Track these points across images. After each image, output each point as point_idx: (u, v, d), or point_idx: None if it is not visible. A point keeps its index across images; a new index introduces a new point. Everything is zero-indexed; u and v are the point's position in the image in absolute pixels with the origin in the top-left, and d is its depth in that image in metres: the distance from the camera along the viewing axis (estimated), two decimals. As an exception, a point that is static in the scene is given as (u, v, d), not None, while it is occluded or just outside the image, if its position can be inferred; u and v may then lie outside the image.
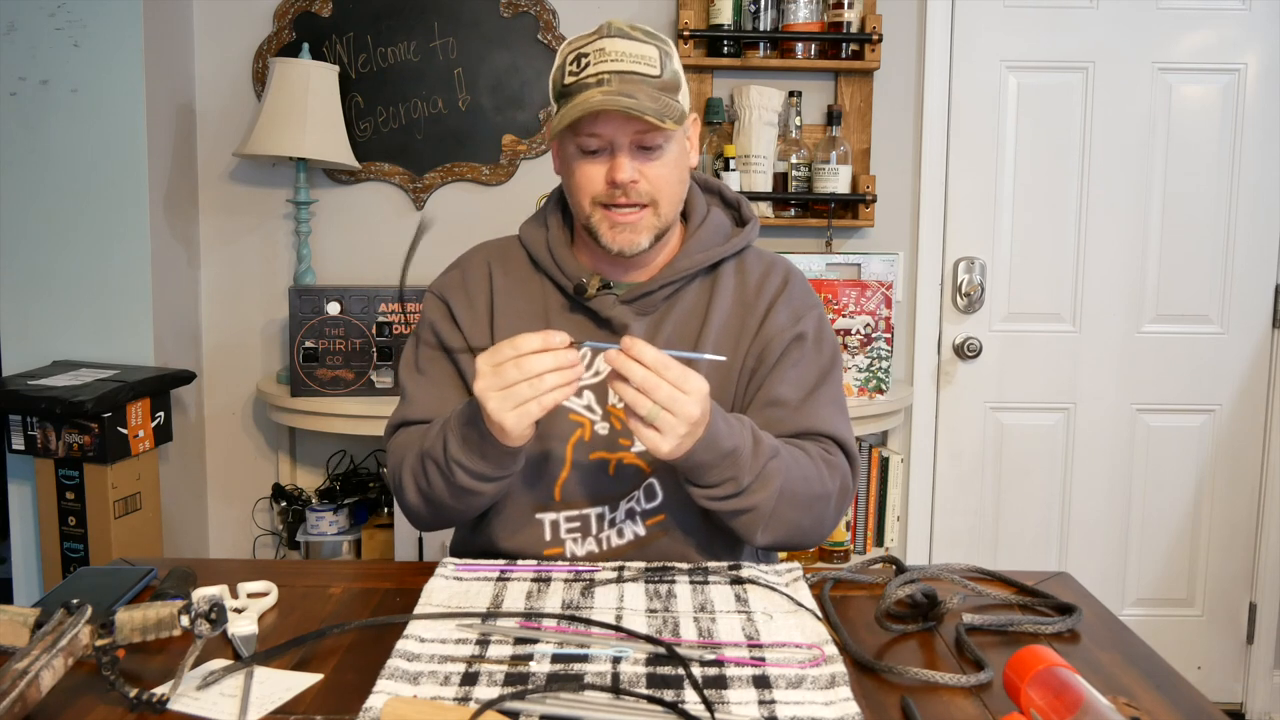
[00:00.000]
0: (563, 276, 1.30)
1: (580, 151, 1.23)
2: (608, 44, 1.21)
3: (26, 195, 2.30)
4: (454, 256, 2.89)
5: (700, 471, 1.13)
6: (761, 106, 2.45)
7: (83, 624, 0.86)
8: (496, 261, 1.36)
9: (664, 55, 1.22)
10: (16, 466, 2.30)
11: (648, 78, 1.20)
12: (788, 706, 0.85)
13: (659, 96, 1.19)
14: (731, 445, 1.12)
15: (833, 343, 1.34)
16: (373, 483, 2.54)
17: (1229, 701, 2.77)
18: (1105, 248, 2.66)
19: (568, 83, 1.21)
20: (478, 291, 1.33)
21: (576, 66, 1.21)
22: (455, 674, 0.90)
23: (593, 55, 1.20)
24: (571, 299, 1.30)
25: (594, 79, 1.19)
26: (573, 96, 1.20)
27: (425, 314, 1.36)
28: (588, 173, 1.23)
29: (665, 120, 1.17)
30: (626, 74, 1.19)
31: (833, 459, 1.25)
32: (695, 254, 1.30)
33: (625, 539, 1.27)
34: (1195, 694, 0.91)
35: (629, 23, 1.24)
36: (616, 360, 1.06)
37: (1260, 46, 2.59)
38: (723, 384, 1.28)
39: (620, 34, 1.22)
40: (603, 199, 1.23)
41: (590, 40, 1.23)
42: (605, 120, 1.19)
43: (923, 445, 2.72)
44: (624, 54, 1.20)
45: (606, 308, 1.27)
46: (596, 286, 1.27)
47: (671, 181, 1.24)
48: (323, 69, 2.46)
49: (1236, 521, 2.74)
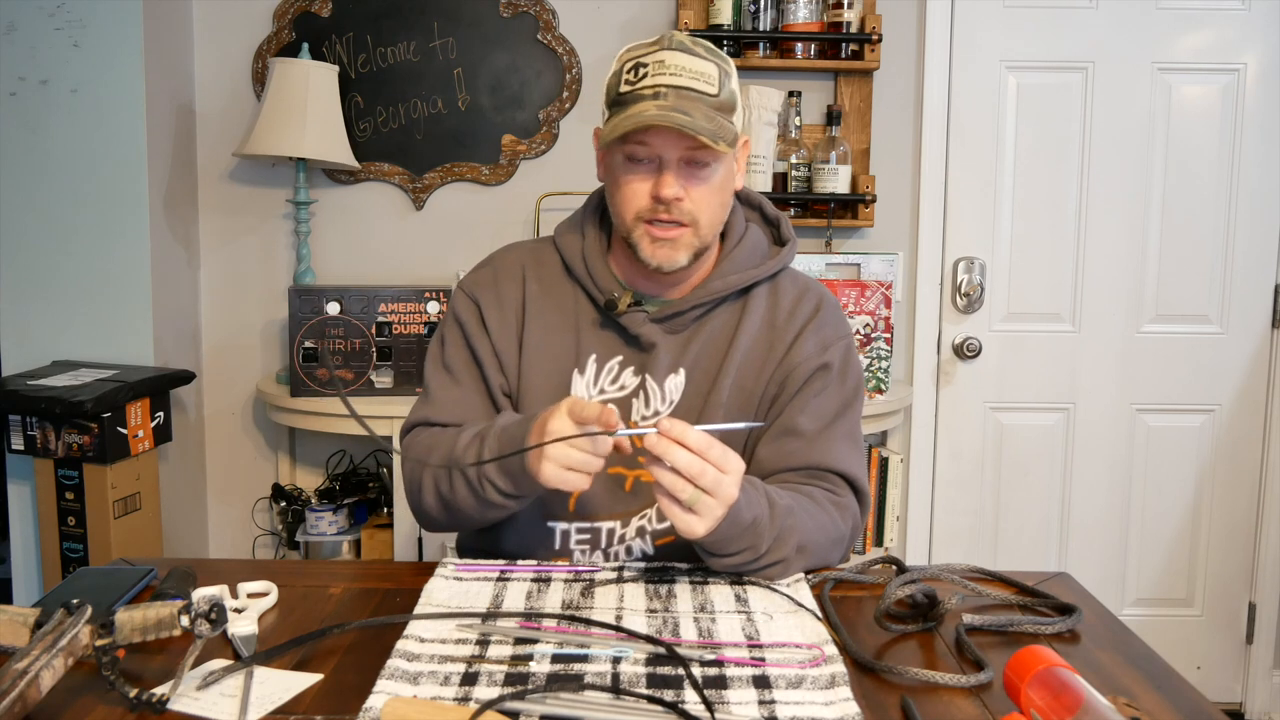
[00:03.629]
0: (595, 289, 1.29)
1: (627, 161, 1.21)
2: (668, 56, 1.18)
3: (26, 195, 2.30)
4: (454, 256, 2.89)
5: (721, 544, 1.09)
6: (761, 106, 2.45)
7: (83, 624, 0.86)
8: (530, 266, 1.34)
9: (723, 74, 1.20)
10: (16, 466, 2.30)
11: (705, 95, 1.18)
12: (788, 706, 0.85)
13: (714, 116, 1.17)
14: (751, 517, 1.08)
15: (857, 375, 1.31)
16: (372, 483, 2.54)
17: (1228, 701, 2.77)
18: (1105, 247, 2.66)
19: (623, 91, 1.19)
20: (509, 295, 1.32)
21: (634, 76, 1.19)
22: (455, 674, 0.90)
23: (652, 66, 1.18)
24: (602, 312, 1.29)
25: (650, 91, 1.17)
26: (627, 106, 1.18)
27: (455, 311, 1.34)
28: (634, 186, 1.21)
29: (719, 142, 1.15)
30: (684, 89, 1.17)
31: (842, 500, 1.23)
32: (729, 275, 1.29)
33: (633, 557, 1.27)
34: (1195, 694, 0.91)
35: (691, 37, 1.21)
36: (659, 446, 1.00)
37: (1260, 46, 2.59)
38: (743, 409, 1.27)
39: (681, 48, 1.19)
40: (646, 214, 1.21)
41: (650, 50, 1.20)
42: (656, 133, 1.17)
43: (922, 445, 2.72)
44: (683, 69, 1.18)
45: (636, 324, 1.27)
46: (628, 303, 1.27)
47: (715, 205, 1.23)
48: (322, 69, 2.46)
49: (1236, 521, 2.74)
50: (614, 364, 1.28)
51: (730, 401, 1.26)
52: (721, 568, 1.13)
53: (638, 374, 1.27)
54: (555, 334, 1.29)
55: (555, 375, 1.28)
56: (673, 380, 1.27)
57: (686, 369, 1.27)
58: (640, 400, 1.27)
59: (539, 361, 1.29)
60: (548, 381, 1.28)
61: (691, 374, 1.27)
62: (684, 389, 1.27)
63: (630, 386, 1.27)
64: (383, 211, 2.65)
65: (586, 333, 1.29)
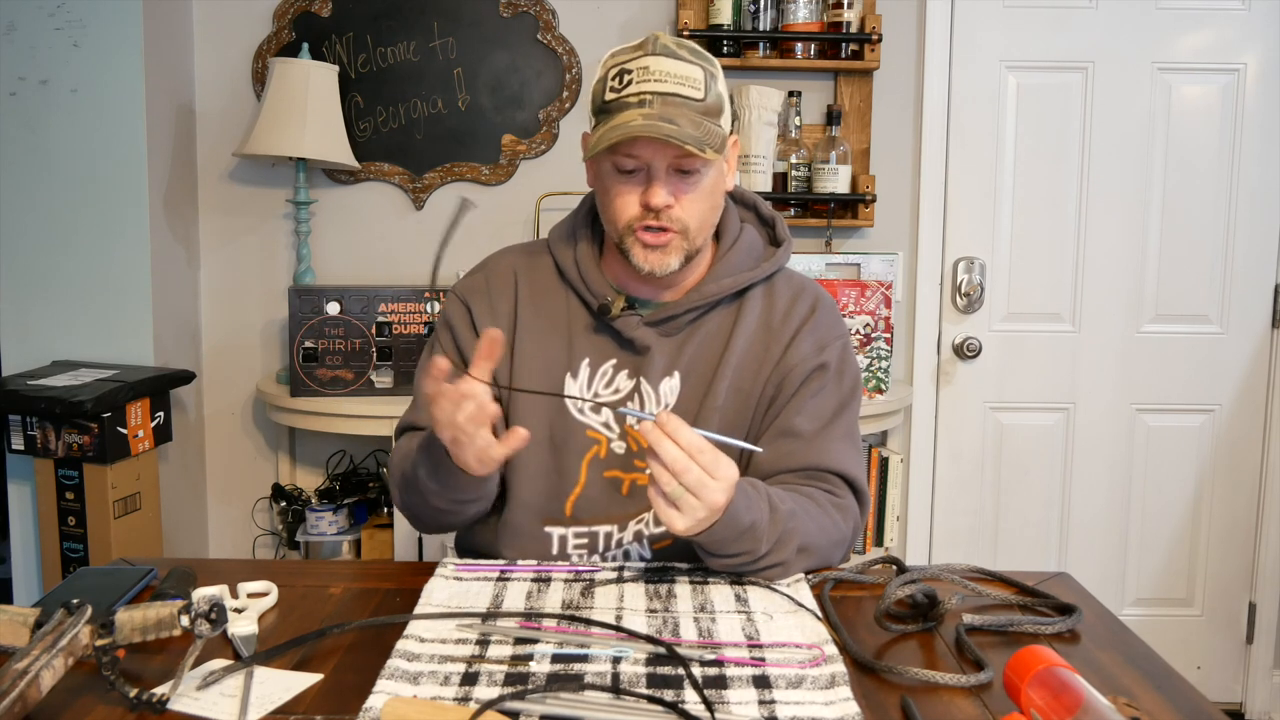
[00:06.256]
0: (589, 294, 1.29)
1: (616, 170, 1.21)
2: (652, 62, 1.17)
3: (26, 195, 2.30)
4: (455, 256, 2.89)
5: (718, 545, 1.09)
6: (761, 106, 2.45)
7: (83, 624, 0.86)
8: (523, 270, 1.34)
9: (709, 77, 1.20)
10: (16, 466, 2.30)
11: (690, 100, 1.17)
12: (788, 706, 0.85)
13: (701, 122, 1.17)
14: (750, 520, 1.08)
15: (854, 374, 1.31)
16: (372, 483, 2.54)
17: (1228, 701, 2.77)
18: (1105, 247, 2.66)
19: (608, 99, 1.19)
20: (501, 300, 1.32)
21: (619, 83, 1.18)
22: (455, 674, 0.90)
23: (636, 73, 1.17)
24: (596, 316, 1.29)
25: (635, 98, 1.16)
26: (612, 115, 1.18)
27: (446, 315, 1.34)
28: (624, 196, 1.21)
29: (705, 149, 1.15)
30: (669, 95, 1.16)
31: (843, 502, 1.23)
32: (723, 278, 1.28)
33: (631, 561, 1.27)
34: (1195, 694, 0.91)
35: (675, 39, 1.21)
36: (650, 435, 1.01)
37: (1260, 47, 2.59)
38: (740, 412, 1.26)
39: (666, 52, 1.18)
40: (637, 222, 1.21)
41: (634, 55, 1.19)
42: (644, 144, 1.16)
43: (922, 445, 2.72)
44: (668, 74, 1.17)
45: (630, 328, 1.26)
46: (621, 307, 1.27)
47: (705, 209, 1.23)
48: (322, 69, 2.46)
49: (1236, 521, 2.74)
50: (608, 368, 1.27)
51: (727, 404, 1.26)
52: (721, 568, 1.13)
53: (632, 377, 1.27)
54: (547, 338, 1.29)
55: (547, 379, 1.28)
56: (668, 383, 1.26)
57: (682, 372, 1.27)
58: (635, 404, 1.26)
59: (531, 366, 1.28)
60: (539, 386, 1.28)
61: (687, 377, 1.27)
62: (679, 392, 1.26)
63: (625, 390, 1.26)
64: (383, 211, 2.65)
65: (579, 337, 1.29)
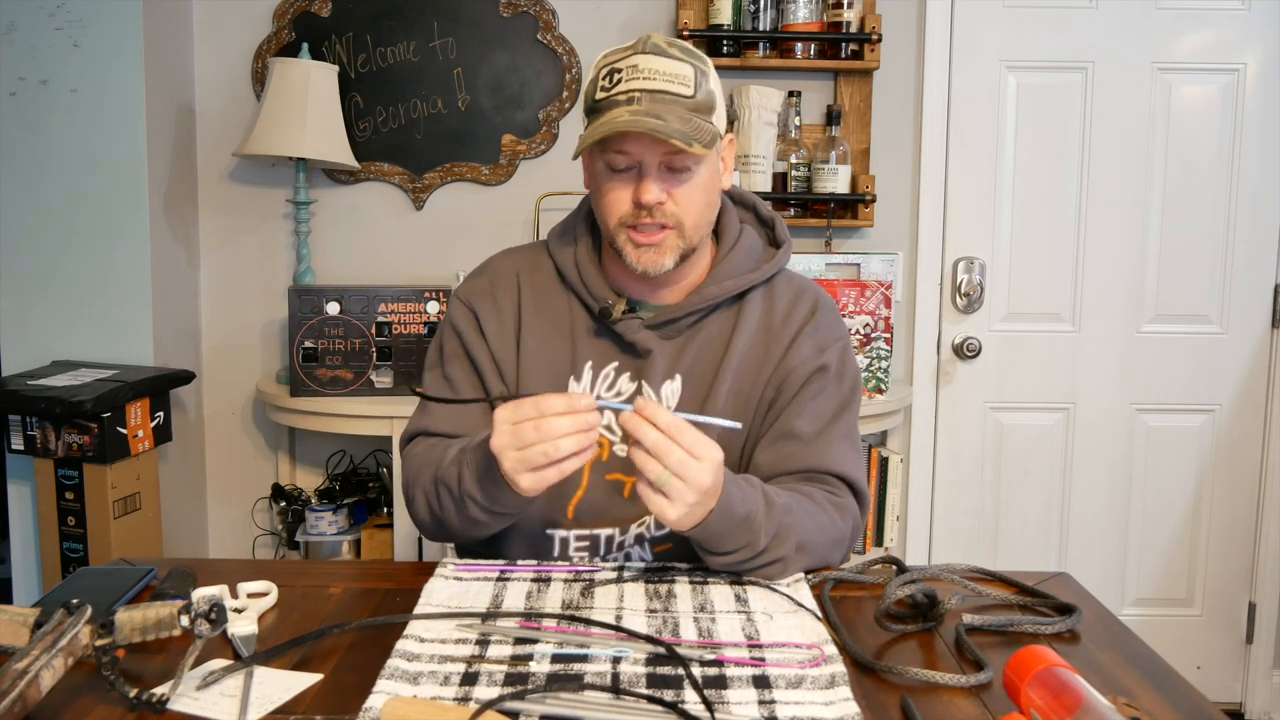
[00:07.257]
0: (589, 297, 1.29)
1: (608, 169, 1.21)
2: (641, 60, 1.18)
3: (26, 195, 2.30)
4: (454, 256, 2.89)
5: (716, 540, 1.09)
6: (761, 106, 2.45)
7: (83, 624, 0.86)
8: (525, 273, 1.34)
9: (700, 74, 1.20)
10: (16, 466, 2.30)
11: (680, 98, 1.17)
12: (788, 706, 0.85)
13: (690, 118, 1.17)
14: (745, 511, 1.08)
15: (854, 375, 1.31)
16: (372, 483, 2.54)
17: (1228, 701, 2.77)
18: (1105, 247, 2.66)
19: (598, 98, 1.20)
20: (506, 303, 1.32)
21: (609, 82, 1.19)
22: (455, 674, 0.90)
23: (626, 71, 1.18)
24: (597, 320, 1.29)
25: (624, 96, 1.17)
26: (602, 113, 1.18)
27: (452, 320, 1.34)
28: (616, 193, 1.21)
29: (693, 144, 1.15)
30: (658, 93, 1.16)
31: (842, 502, 1.23)
32: (724, 281, 1.28)
33: (632, 563, 1.27)
34: (1195, 694, 0.91)
35: (667, 39, 1.21)
36: (629, 422, 1.01)
37: (1260, 47, 2.59)
38: (740, 414, 1.27)
39: (656, 50, 1.19)
40: (629, 220, 1.21)
41: (624, 55, 1.20)
42: (633, 140, 1.17)
43: (922, 445, 2.72)
44: (657, 72, 1.17)
45: (631, 331, 1.26)
46: (622, 310, 1.27)
47: (699, 205, 1.22)
48: (322, 69, 2.46)
49: (1236, 521, 2.74)
50: (610, 370, 1.28)
51: (727, 406, 1.26)
52: (720, 566, 1.13)
53: (634, 380, 1.27)
54: (551, 341, 1.29)
55: (552, 383, 1.28)
56: (669, 386, 1.27)
57: (683, 374, 1.27)
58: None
59: (536, 369, 1.29)
60: (544, 389, 1.27)
61: (688, 379, 1.27)
62: (681, 394, 1.26)
63: (627, 393, 1.27)
64: (383, 211, 2.65)
65: (582, 340, 1.29)
